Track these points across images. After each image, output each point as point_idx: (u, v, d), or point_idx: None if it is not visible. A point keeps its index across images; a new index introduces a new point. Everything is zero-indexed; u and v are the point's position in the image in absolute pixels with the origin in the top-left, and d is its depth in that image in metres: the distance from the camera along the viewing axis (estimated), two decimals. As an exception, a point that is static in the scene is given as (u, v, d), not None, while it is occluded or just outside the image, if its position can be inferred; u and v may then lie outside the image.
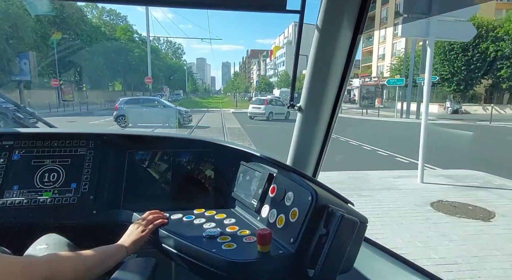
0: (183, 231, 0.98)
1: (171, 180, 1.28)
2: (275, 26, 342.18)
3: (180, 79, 62.62)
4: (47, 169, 1.21)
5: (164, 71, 51.68)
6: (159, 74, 47.07)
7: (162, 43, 63.43)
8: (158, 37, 66.92)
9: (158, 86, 44.63)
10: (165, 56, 59.66)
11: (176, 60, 62.24)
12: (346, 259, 0.82)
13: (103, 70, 37.16)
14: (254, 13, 16.97)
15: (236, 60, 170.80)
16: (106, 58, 36.76)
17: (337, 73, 1.12)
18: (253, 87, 61.43)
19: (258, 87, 56.96)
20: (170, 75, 55.10)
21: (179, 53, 67.29)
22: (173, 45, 66.27)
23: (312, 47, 1.11)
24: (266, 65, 68.56)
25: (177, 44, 73.44)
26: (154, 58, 45.36)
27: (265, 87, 61.28)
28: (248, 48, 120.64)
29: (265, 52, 76.03)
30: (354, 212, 0.89)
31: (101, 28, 40.96)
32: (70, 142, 1.27)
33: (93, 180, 1.23)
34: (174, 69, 57.14)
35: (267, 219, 1.00)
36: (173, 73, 56.20)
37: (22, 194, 1.16)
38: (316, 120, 1.20)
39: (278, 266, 0.83)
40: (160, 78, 48.99)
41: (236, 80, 72.67)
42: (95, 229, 1.23)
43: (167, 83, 52.70)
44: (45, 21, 26.47)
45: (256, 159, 1.19)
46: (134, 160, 1.29)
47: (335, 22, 1.04)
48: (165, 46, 63.93)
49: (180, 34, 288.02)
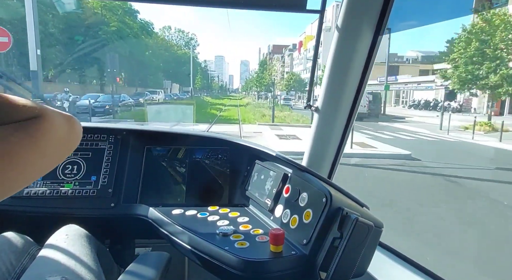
0: (197, 228, 0.99)
1: (187, 177, 1.29)
2: (295, 26, 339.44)
3: (193, 74, 49.70)
4: (70, 161, 1.25)
5: (169, 63, 42.32)
6: (159, 65, 38.99)
7: (174, 33, 53.46)
8: (169, 26, 58.68)
9: (159, 80, 37.46)
10: (173, 46, 48.79)
11: (186, 51, 51.03)
12: (360, 263, 0.81)
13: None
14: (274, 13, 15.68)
15: (255, 58, 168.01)
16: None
17: (356, 74, 1.11)
18: (279, 85, 50.04)
19: (286, 85, 45.86)
20: (178, 69, 44.04)
21: (192, 44, 56.64)
22: (186, 35, 56.10)
23: (331, 47, 1.10)
24: (292, 60, 57.58)
25: (191, 34, 63.23)
26: (156, 46, 39.00)
27: (294, 84, 49.60)
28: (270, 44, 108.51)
29: (291, 45, 64.00)
30: (369, 216, 0.87)
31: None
32: (91, 136, 1.30)
33: (112, 174, 1.26)
34: (183, 61, 45.16)
35: (280, 219, 1.00)
36: (182, 66, 44.99)
37: (45, 185, 1.21)
38: (333, 121, 1.19)
39: (290, 266, 0.83)
40: (165, 71, 40.89)
41: (263, 72, 53.44)
42: (112, 222, 1.26)
43: (176, 78, 43.83)
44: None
45: (271, 159, 1.19)
46: (152, 156, 1.31)
47: (355, 23, 1.03)
48: (176, 36, 53.91)
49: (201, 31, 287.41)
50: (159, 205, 1.17)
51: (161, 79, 38.07)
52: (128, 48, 27.61)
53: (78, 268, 0.85)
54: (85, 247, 0.95)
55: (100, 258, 0.96)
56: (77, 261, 0.87)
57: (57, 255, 0.88)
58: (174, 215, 1.09)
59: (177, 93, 40.68)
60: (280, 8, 1.04)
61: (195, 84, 52.27)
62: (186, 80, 46.45)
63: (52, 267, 0.84)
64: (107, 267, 1.02)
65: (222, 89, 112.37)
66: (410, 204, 4.90)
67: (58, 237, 0.97)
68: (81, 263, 0.87)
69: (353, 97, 1.15)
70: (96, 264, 0.91)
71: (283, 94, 40.90)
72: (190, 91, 42.56)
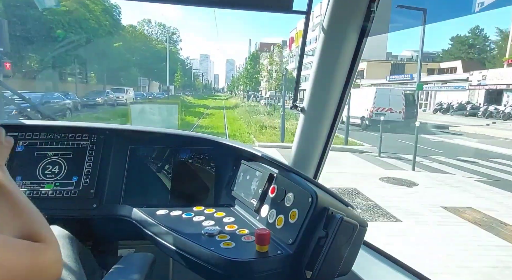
0: (182, 228, 0.98)
1: (171, 177, 1.28)
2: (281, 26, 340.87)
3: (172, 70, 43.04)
4: (50, 161, 1.22)
5: (147, 58, 37.24)
6: (132, 59, 33.87)
7: (154, 26, 49.12)
8: (149, 19, 50.91)
9: (133, 77, 32.74)
10: (153, 40, 43.81)
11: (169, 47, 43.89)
12: (345, 262, 0.83)
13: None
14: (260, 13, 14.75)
15: (241, 58, 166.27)
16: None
17: (342, 75, 1.12)
18: (268, 85, 44.29)
19: (277, 85, 39.16)
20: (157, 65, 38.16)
21: (174, 39, 51.44)
22: (167, 29, 51.22)
23: (317, 48, 1.11)
24: (282, 58, 53.10)
25: (173, 29, 57.25)
26: (131, 38, 34.58)
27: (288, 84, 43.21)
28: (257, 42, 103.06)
29: (281, 42, 59.04)
30: (354, 215, 0.89)
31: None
32: (73, 135, 1.27)
33: (94, 174, 1.23)
34: (164, 56, 37.88)
35: (266, 219, 1.00)
36: (162, 62, 38.02)
37: (24, 185, 1.17)
38: (319, 122, 1.20)
39: (276, 266, 0.84)
40: (142, 67, 36.19)
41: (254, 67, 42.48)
42: (94, 223, 1.24)
43: (155, 75, 39.74)
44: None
45: (257, 159, 1.19)
46: (136, 155, 1.29)
47: (341, 24, 1.04)
48: (157, 30, 49.36)
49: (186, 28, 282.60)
50: (143, 205, 1.15)
51: (135, 76, 34.00)
52: (87, 35, 21.20)
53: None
54: (67, 249, 0.92)
55: (83, 260, 0.94)
56: None
57: None
58: (158, 216, 1.08)
59: (153, 92, 36.67)
60: (266, 8, 1.04)
61: (174, 81, 45.97)
62: (166, 78, 40.29)
63: None
64: (89, 269, 1.00)
65: (207, 88, 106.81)
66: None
67: None
68: (63, 266, 0.84)
69: (339, 98, 1.17)
70: (79, 266, 0.88)
71: (273, 93, 36.74)
72: (167, 90, 36.98)
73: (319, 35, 1.11)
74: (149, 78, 38.08)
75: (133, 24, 44.44)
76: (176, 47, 51.37)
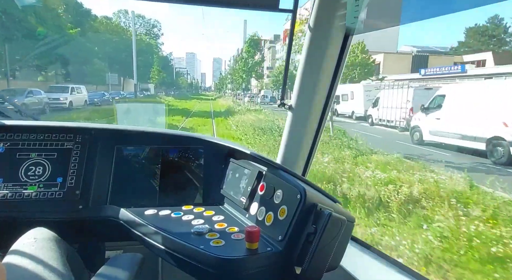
0: (171, 227, 0.97)
1: (160, 176, 1.27)
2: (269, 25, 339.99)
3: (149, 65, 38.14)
4: (33, 162, 1.19)
5: (119, 52, 31.77)
6: (95, 51, 28.64)
7: (132, 18, 40.97)
8: (126, 10, 45.15)
9: (100, 73, 27.17)
10: (126, 31, 37.91)
11: (146, 39, 40.95)
12: (333, 257, 0.84)
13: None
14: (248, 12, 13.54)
15: (228, 57, 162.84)
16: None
17: (328, 73, 1.14)
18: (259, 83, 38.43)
19: (274, 81, 33.10)
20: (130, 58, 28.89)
21: (155, 32, 46.98)
22: (147, 22, 47.45)
23: (304, 46, 1.12)
24: (275, 53, 51.29)
25: (153, 21, 52.74)
26: (96, 27, 29.15)
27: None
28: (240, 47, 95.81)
29: (273, 36, 55.28)
30: (342, 211, 0.90)
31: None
32: (56, 136, 1.24)
33: (79, 175, 1.21)
34: (141, 50, 33.55)
35: (255, 216, 1.00)
36: (138, 57, 29.86)
37: (6, 188, 1.14)
38: (306, 119, 1.21)
39: (265, 263, 0.84)
40: (111, 62, 30.63)
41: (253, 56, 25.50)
42: (81, 225, 1.22)
43: (130, 72, 30.20)
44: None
45: (246, 157, 1.20)
46: (123, 155, 1.27)
47: (327, 23, 1.05)
48: (136, 22, 43.18)
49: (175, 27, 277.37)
50: (131, 205, 1.14)
51: (103, 72, 27.60)
52: (34, 19, 16.02)
53: (47, 273, 0.81)
54: (54, 251, 0.91)
55: (70, 263, 0.92)
56: (45, 266, 0.83)
57: (23, 261, 0.83)
58: (147, 216, 1.07)
59: (121, 91, 28.44)
60: (253, 7, 1.04)
61: (149, 78, 39.36)
62: (146, 74, 35.72)
63: (18, 273, 0.79)
64: (77, 271, 0.98)
65: (193, 87, 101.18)
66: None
67: (26, 241, 0.92)
68: (50, 268, 0.83)
69: (326, 96, 1.18)
70: (66, 269, 0.87)
71: (268, 93, 33.41)
72: (151, 89, 32.34)
73: (305, 36, 1.12)
74: (123, 76, 31.66)
75: (108, 15, 40.32)
76: (155, 40, 46.97)
